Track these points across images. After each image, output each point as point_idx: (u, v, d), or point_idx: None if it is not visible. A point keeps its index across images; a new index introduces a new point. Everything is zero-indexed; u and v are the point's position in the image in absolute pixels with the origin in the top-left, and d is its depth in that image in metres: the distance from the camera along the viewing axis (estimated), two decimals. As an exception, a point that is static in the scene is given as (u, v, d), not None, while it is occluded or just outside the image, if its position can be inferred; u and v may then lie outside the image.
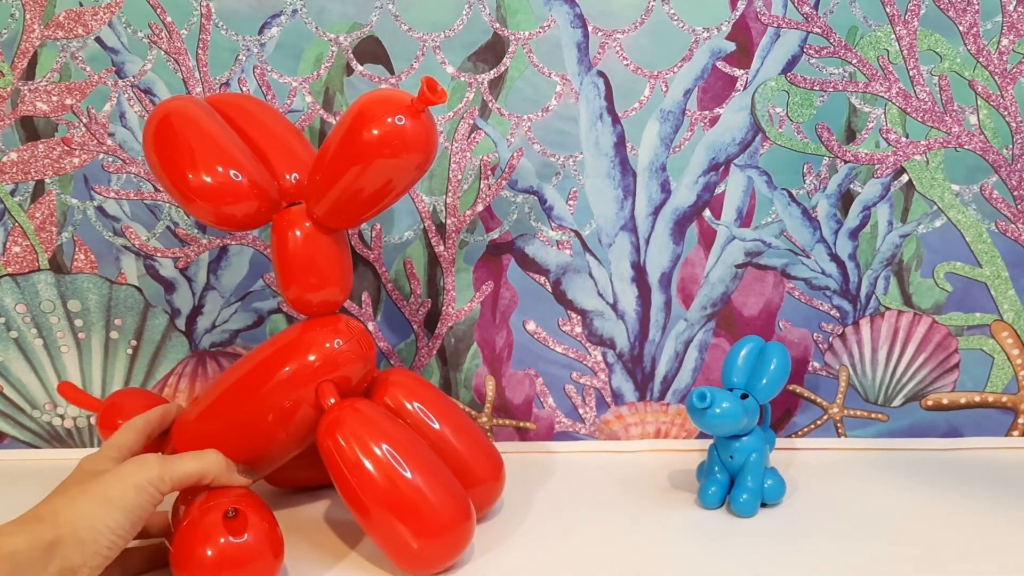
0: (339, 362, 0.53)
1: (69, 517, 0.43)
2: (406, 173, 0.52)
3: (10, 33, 0.63)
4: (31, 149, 0.65)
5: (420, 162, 0.51)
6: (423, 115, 0.50)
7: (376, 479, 0.50)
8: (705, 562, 0.52)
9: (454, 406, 0.58)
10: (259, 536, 0.49)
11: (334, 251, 0.55)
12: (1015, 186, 0.64)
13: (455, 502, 0.51)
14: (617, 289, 0.67)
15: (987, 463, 0.65)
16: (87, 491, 0.45)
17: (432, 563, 0.51)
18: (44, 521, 0.43)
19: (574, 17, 0.63)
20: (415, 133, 0.50)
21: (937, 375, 0.67)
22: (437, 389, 0.59)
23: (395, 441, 0.51)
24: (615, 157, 0.64)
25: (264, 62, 0.64)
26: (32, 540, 0.42)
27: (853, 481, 0.62)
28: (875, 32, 0.62)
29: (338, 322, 0.55)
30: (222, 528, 0.48)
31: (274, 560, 0.49)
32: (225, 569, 0.47)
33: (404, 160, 0.51)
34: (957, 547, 0.53)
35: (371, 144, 0.50)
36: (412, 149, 0.50)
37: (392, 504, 0.49)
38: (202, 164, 0.52)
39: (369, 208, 0.53)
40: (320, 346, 0.53)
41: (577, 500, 0.60)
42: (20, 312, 0.67)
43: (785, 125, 0.64)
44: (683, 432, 0.69)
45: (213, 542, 0.47)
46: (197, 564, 0.47)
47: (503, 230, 0.66)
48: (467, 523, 0.51)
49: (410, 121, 0.50)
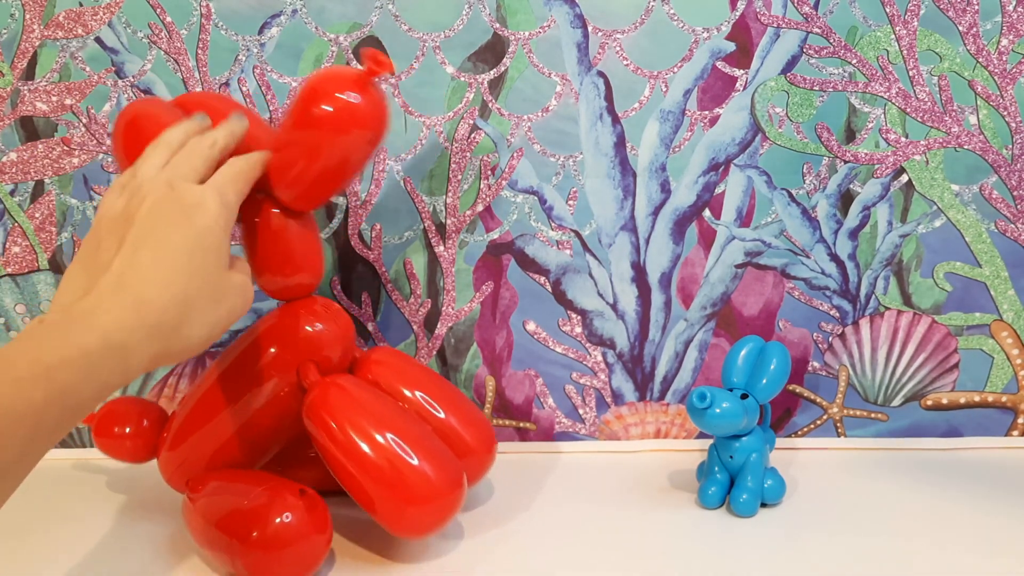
0: (318, 344, 0.54)
1: (181, 344, 0.42)
2: (359, 148, 0.52)
3: (10, 33, 0.63)
4: (31, 149, 0.65)
5: (371, 137, 0.52)
6: (372, 88, 0.51)
7: (361, 449, 0.50)
8: (705, 562, 0.52)
9: (441, 380, 0.59)
10: (312, 515, 0.50)
11: (303, 234, 0.55)
12: (1015, 186, 0.64)
13: (443, 467, 0.51)
14: (617, 289, 0.67)
15: (987, 463, 0.65)
16: (205, 317, 0.43)
17: (423, 527, 0.51)
18: (164, 340, 0.42)
19: (574, 17, 0.63)
20: (366, 107, 0.50)
21: (937, 375, 0.67)
22: (422, 365, 0.59)
23: (378, 411, 0.52)
24: (615, 157, 0.64)
25: (264, 62, 0.64)
26: (149, 360, 0.41)
27: (853, 481, 0.62)
28: (875, 32, 0.62)
29: (314, 304, 0.55)
30: (276, 508, 0.49)
31: (325, 541, 0.51)
32: (277, 547, 0.49)
33: (357, 135, 0.51)
34: (957, 547, 0.53)
35: (324, 121, 0.50)
36: (363, 124, 0.51)
37: (379, 473, 0.50)
38: None
39: (330, 187, 0.53)
40: (299, 329, 0.54)
41: (577, 500, 0.60)
42: (20, 312, 0.67)
43: (785, 125, 0.64)
44: (683, 432, 0.69)
45: (268, 522, 0.49)
46: (252, 543, 0.49)
47: (503, 230, 0.66)
48: (457, 487, 0.51)
49: (360, 96, 0.50)
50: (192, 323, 0.43)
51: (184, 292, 0.42)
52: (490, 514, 0.58)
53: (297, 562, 0.50)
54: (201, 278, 0.43)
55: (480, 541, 0.55)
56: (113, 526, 0.58)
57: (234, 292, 0.46)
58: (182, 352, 0.43)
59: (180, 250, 0.43)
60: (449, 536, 0.55)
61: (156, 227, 0.43)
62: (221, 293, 0.45)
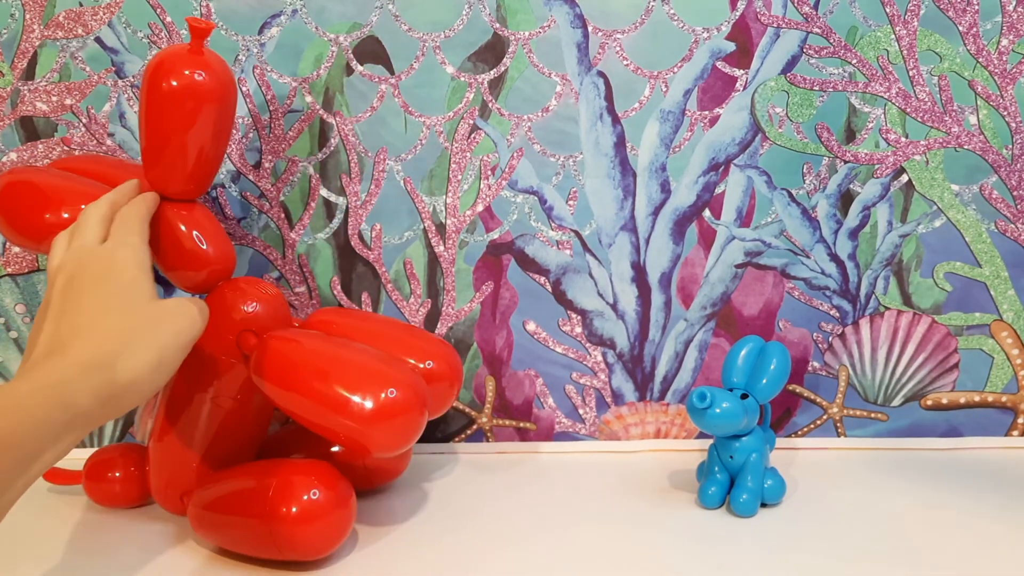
0: (258, 321, 0.54)
1: (128, 374, 0.43)
2: (221, 114, 0.53)
3: (10, 33, 0.63)
4: (31, 149, 0.65)
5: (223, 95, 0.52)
6: (206, 56, 0.52)
7: (311, 385, 0.50)
8: (705, 562, 0.52)
9: (396, 321, 0.61)
10: (338, 490, 0.51)
11: (200, 224, 0.55)
12: (1015, 186, 0.64)
13: (399, 380, 0.50)
14: (617, 289, 0.67)
15: (986, 463, 0.65)
16: (145, 342, 0.44)
17: (397, 438, 0.50)
18: (104, 370, 0.42)
19: (574, 17, 0.63)
20: (207, 76, 0.51)
21: (937, 375, 0.67)
22: (371, 313, 0.61)
23: (319, 346, 0.52)
24: (615, 157, 0.64)
25: (264, 62, 0.64)
26: (95, 397, 0.42)
27: (853, 481, 0.62)
28: (875, 32, 0.62)
29: (238, 285, 0.55)
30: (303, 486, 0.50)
31: (350, 513, 0.52)
32: (307, 521, 0.50)
33: (209, 106, 0.52)
34: (957, 547, 0.53)
35: (174, 99, 0.51)
36: (210, 95, 0.52)
37: (334, 401, 0.49)
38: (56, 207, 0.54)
39: (210, 162, 0.54)
40: (236, 312, 0.54)
41: (577, 500, 0.60)
42: (20, 312, 0.67)
43: (785, 125, 0.64)
44: (683, 432, 0.69)
45: (297, 499, 0.50)
46: (281, 518, 0.49)
47: (503, 230, 0.66)
48: (419, 395, 0.51)
49: (199, 70, 0.51)
50: (132, 353, 0.44)
51: (117, 326, 0.44)
52: (490, 514, 0.58)
53: (327, 535, 0.51)
54: (130, 312, 0.45)
55: (480, 541, 0.55)
56: (113, 527, 0.58)
57: (173, 314, 0.47)
58: (132, 383, 0.43)
59: (105, 299, 0.45)
60: (449, 536, 0.55)
61: (81, 293, 0.46)
62: (156, 319, 0.46)
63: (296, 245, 0.66)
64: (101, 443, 0.69)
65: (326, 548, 0.51)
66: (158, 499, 0.58)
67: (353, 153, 0.65)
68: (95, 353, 0.43)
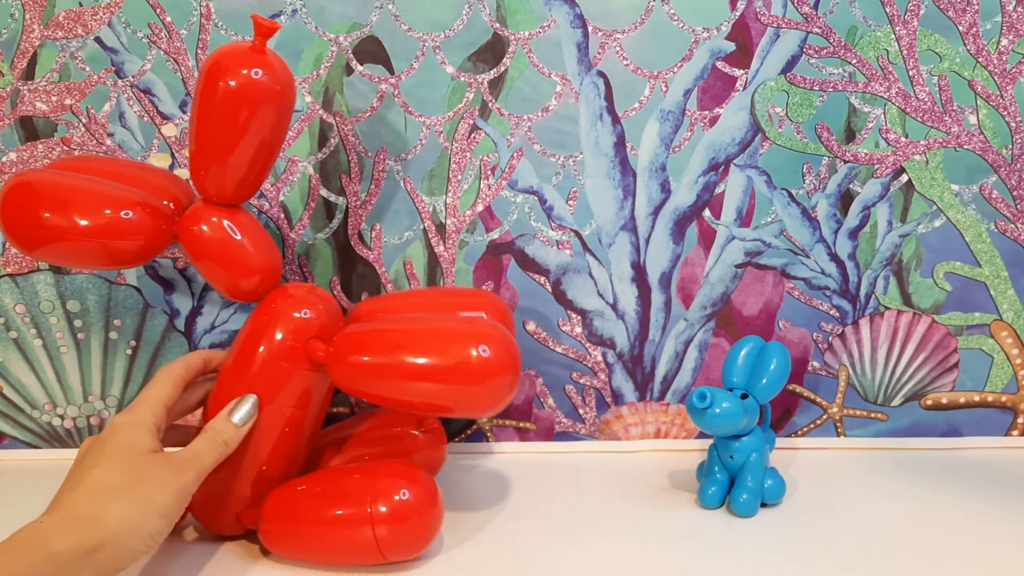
0: (316, 327, 0.53)
1: (114, 523, 0.44)
2: (280, 118, 0.52)
3: (10, 33, 0.63)
4: (30, 149, 0.65)
5: (283, 97, 0.51)
6: (268, 56, 0.51)
7: (407, 362, 0.50)
8: (705, 562, 0.52)
9: (431, 289, 0.62)
10: (426, 489, 0.51)
11: (246, 228, 0.54)
12: (1014, 186, 0.64)
13: (488, 338, 0.50)
14: (617, 289, 0.67)
15: (986, 463, 0.65)
16: (131, 494, 0.45)
17: (499, 394, 0.50)
18: (88, 523, 0.43)
19: (574, 17, 0.63)
20: (267, 76, 0.50)
21: (936, 375, 0.67)
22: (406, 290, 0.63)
23: (397, 327, 0.52)
24: (615, 157, 0.64)
25: (264, 62, 0.64)
26: (77, 544, 0.42)
27: (853, 480, 0.62)
28: (875, 32, 0.62)
29: (289, 291, 0.54)
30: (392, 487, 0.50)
31: (438, 512, 0.52)
32: (396, 521, 0.49)
33: (269, 107, 0.51)
34: (956, 547, 0.53)
35: (233, 99, 0.50)
36: (271, 96, 0.50)
37: (435, 373, 0.49)
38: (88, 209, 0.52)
39: (263, 166, 0.53)
40: (290, 319, 0.53)
41: (577, 500, 0.60)
42: (19, 312, 0.67)
43: (785, 125, 0.64)
44: (683, 432, 0.69)
45: (387, 498, 0.49)
46: (368, 518, 0.49)
47: (503, 230, 0.66)
48: (505, 349, 0.50)
49: (259, 69, 0.50)
50: (111, 513, 0.44)
51: (104, 479, 0.45)
52: (490, 514, 0.58)
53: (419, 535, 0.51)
54: (118, 464, 0.46)
55: (480, 541, 0.55)
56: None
57: (163, 467, 0.47)
58: (119, 533, 0.44)
59: (98, 456, 0.47)
60: (449, 536, 0.55)
61: (84, 456, 0.48)
62: (145, 472, 0.46)
63: (296, 245, 0.66)
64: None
65: (423, 545, 0.52)
66: (205, 521, 0.55)
67: (353, 153, 0.65)
68: (79, 505, 0.44)
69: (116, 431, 0.48)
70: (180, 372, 0.53)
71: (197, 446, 0.49)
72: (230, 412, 0.52)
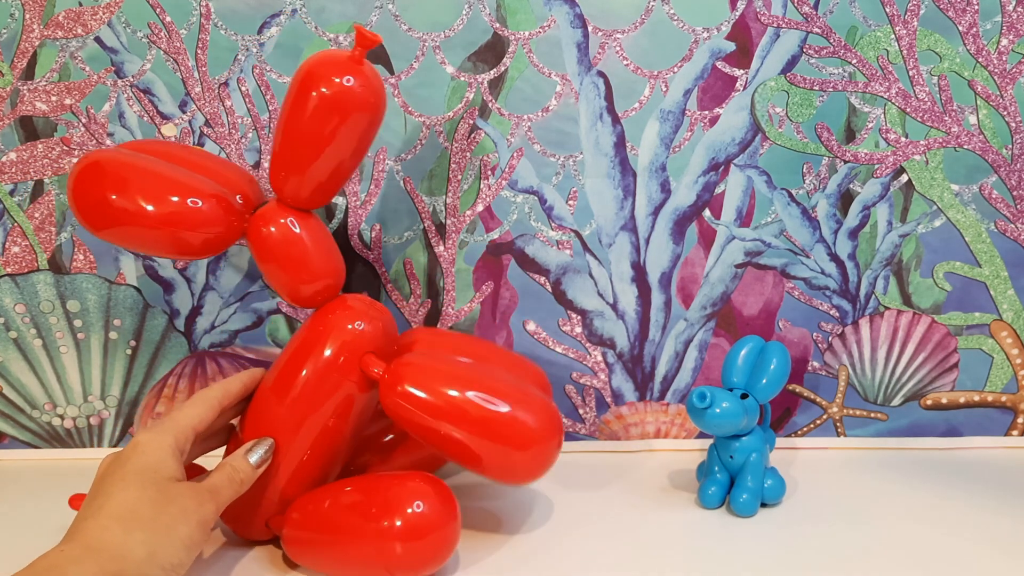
0: (371, 339, 0.53)
1: (137, 553, 0.43)
2: (368, 128, 0.52)
3: (9, 33, 0.63)
4: (30, 149, 0.65)
5: (375, 108, 0.51)
6: (365, 67, 0.51)
7: (458, 409, 0.50)
8: (705, 562, 0.52)
9: (477, 339, 0.61)
10: (442, 503, 0.50)
11: (315, 234, 0.54)
12: (1014, 186, 0.64)
13: (537, 406, 0.51)
14: (617, 289, 0.67)
15: (986, 463, 0.65)
16: (155, 523, 0.44)
17: (536, 467, 0.51)
18: (110, 553, 0.42)
19: (574, 17, 0.63)
20: (363, 86, 0.50)
21: (936, 374, 0.67)
22: (454, 332, 0.62)
23: (456, 372, 0.52)
24: (615, 157, 0.64)
25: (263, 62, 0.64)
26: (98, 573, 0.41)
27: (853, 481, 0.62)
28: (875, 32, 0.62)
29: (347, 302, 0.54)
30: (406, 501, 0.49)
31: (455, 527, 0.51)
32: (412, 537, 0.49)
33: (360, 116, 0.50)
34: (956, 546, 0.53)
35: (326, 106, 0.49)
36: (364, 106, 0.50)
37: (480, 429, 0.50)
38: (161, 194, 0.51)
39: (344, 174, 0.53)
40: (344, 330, 0.52)
41: (577, 500, 0.60)
42: (19, 312, 0.67)
43: (785, 125, 0.64)
44: (683, 432, 0.69)
45: (401, 512, 0.48)
46: (384, 533, 0.48)
47: (503, 230, 0.66)
48: (555, 420, 0.52)
49: (355, 77, 0.50)
50: (134, 542, 0.43)
51: (120, 510, 0.44)
52: (489, 514, 0.58)
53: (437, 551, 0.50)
54: (139, 499, 0.45)
55: (479, 541, 0.55)
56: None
57: (185, 496, 0.46)
58: (145, 561, 0.43)
59: (120, 480, 0.46)
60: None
61: (104, 476, 0.47)
62: (167, 500, 0.46)
63: (296, 245, 0.66)
64: (100, 443, 0.69)
65: (440, 561, 0.50)
66: (234, 526, 0.55)
67: (353, 153, 0.65)
68: (101, 533, 0.43)
69: (138, 451, 0.47)
70: (216, 396, 0.52)
71: (216, 480, 0.49)
72: (247, 452, 0.51)
